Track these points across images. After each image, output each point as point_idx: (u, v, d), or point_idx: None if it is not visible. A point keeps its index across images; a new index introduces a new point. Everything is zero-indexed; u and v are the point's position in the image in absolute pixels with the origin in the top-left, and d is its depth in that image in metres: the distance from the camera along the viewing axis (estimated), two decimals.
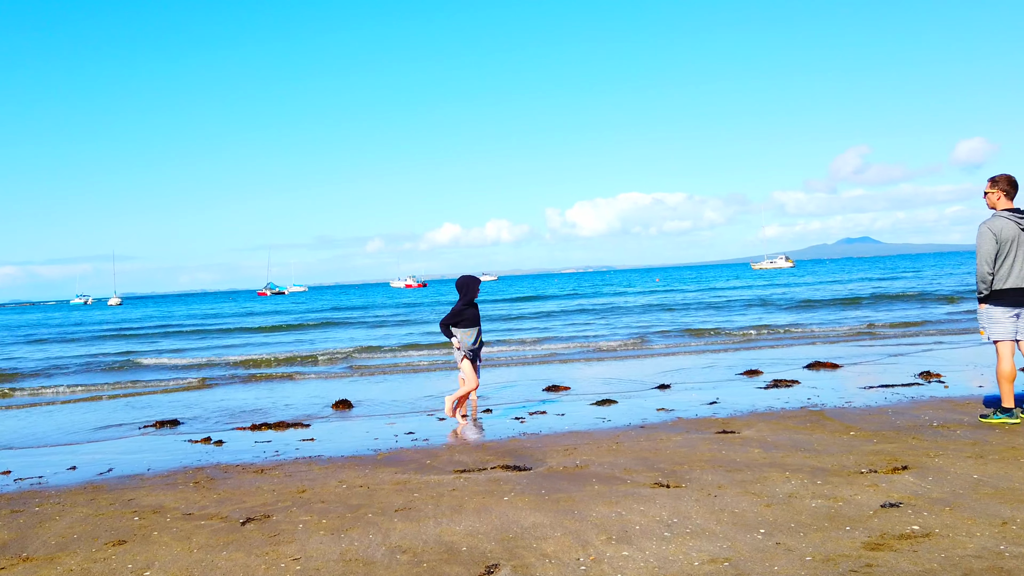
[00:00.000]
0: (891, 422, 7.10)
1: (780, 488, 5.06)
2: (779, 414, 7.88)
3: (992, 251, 6.57)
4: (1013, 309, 6.63)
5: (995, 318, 6.69)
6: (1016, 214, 6.59)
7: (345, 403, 10.27)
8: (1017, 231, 6.55)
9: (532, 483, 5.55)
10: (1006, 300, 6.62)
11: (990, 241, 6.57)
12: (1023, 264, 6.55)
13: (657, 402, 9.15)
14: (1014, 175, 6.70)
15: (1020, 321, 6.69)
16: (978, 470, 5.21)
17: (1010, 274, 6.57)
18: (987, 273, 6.61)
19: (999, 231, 6.55)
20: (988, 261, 6.59)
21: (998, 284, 6.62)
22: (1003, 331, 6.67)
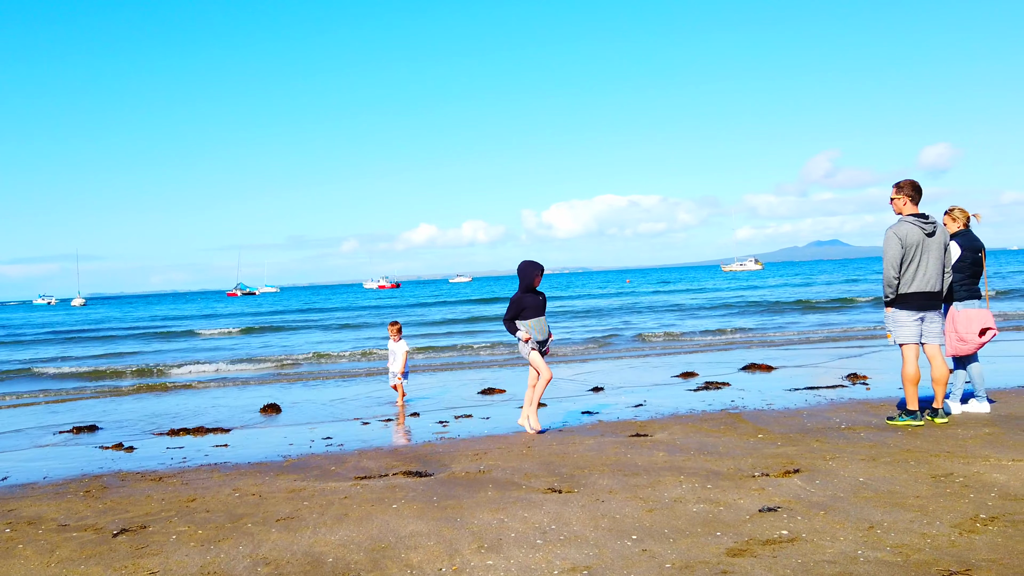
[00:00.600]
0: (802, 424, 7.12)
1: (669, 492, 5.02)
2: (699, 416, 7.87)
3: (898, 256, 6.61)
4: (918, 313, 6.68)
5: (900, 321, 6.73)
6: (921, 219, 6.65)
7: (274, 408, 10.10)
8: (922, 236, 6.60)
9: (428, 490, 5.46)
10: (911, 304, 6.67)
11: (896, 246, 6.61)
12: (927, 269, 6.61)
13: (586, 405, 9.11)
14: (918, 181, 6.75)
15: (925, 325, 6.74)
16: (866, 473, 5.22)
17: (914, 278, 6.63)
18: (893, 277, 6.66)
19: (904, 236, 6.60)
20: (894, 266, 6.64)
21: (903, 288, 6.66)
22: (908, 334, 6.72)
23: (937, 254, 6.64)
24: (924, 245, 6.61)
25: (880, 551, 3.78)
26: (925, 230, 6.60)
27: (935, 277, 6.63)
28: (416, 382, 12.68)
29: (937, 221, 6.73)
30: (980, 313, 7.04)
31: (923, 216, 6.67)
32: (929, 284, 6.61)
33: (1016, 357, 11.77)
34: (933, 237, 6.62)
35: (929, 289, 6.62)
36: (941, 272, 6.68)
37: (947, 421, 6.77)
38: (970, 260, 7.06)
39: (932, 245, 6.62)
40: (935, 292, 6.65)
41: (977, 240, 7.18)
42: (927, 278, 6.61)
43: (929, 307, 6.67)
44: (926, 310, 6.68)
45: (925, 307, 6.66)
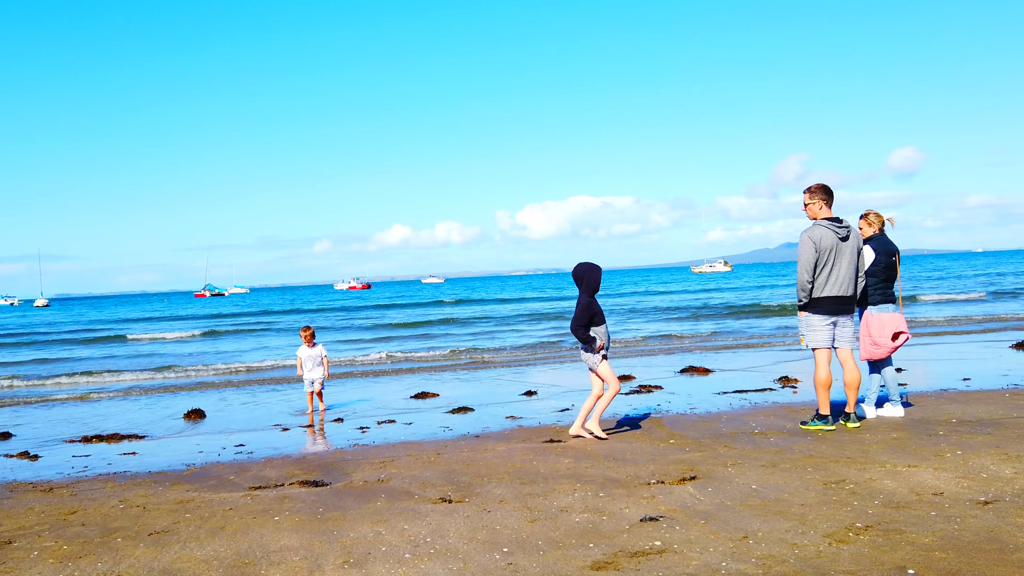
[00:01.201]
0: (717, 429, 7.07)
1: (559, 502, 4.92)
2: (619, 421, 7.80)
3: (811, 259, 6.58)
4: (831, 317, 6.66)
5: (813, 326, 6.72)
6: (835, 223, 6.63)
7: (198, 414, 9.85)
8: (836, 240, 6.58)
9: (318, 501, 5.30)
10: (824, 308, 6.65)
11: (810, 250, 6.58)
12: (840, 273, 6.59)
13: (513, 410, 8.99)
14: (828, 184, 6.74)
15: (838, 329, 6.73)
16: (761, 480, 5.17)
17: (827, 282, 6.61)
18: (806, 281, 6.63)
19: (819, 240, 6.57)
20: (808, 269, 6.61)
21: (817, 292, 6.64)
22: (821, 339, 6.69)
23: (850, 258, 6.63)
24: (838, 249, 6.59)
25: (745, 563, 3.70)
26: (839, 234, 6.59)
27: (848, 281, 6.62)
28: (353, 386, 12.49)
29: (851, 225, 6.73)
30: (893, 317, 7.05)
31: (837, 220, 6.66)
32: (842, 288, 6.60)
33: (946, 360, 11.89)
34: (847, 241, 6.61)
35: (842, 293, 6.61)
36: (855, 276, 6.68)
37: (859, 426, 6.76)
38: (884, 264, 7.07)
39: (846, 249, 6.61)
40: (848, 296, 6.64)
41: (891, 244, 7.19)
42: (840, 282, 6.59)
43: (842, 311, 6.66)
44: (839, 314, 6.67)
45: (838, 311, 6.65)
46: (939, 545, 3.80)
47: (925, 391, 8.63)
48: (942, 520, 4.15)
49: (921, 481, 4.92)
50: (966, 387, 8.79)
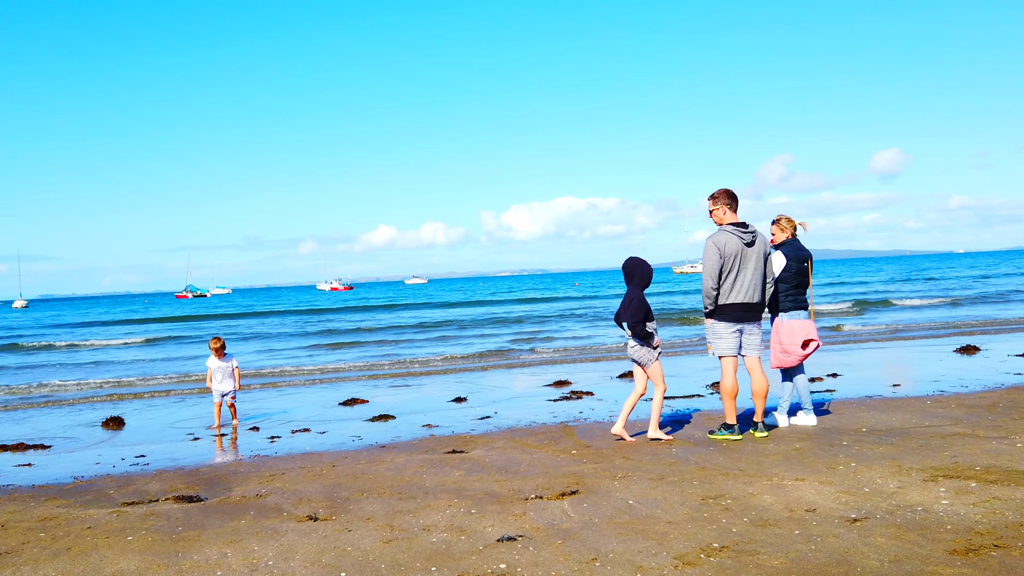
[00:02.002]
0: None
1: (427, 519, 4.73)
2: (533, 429, 7.62)
3: (716, 266, 6.43)
4: (736, 324, 6.52)
5: (719, 333, 6.56)
6: (740, 228, 6.48)
7: (117, 423, 9.57)
8: (741, 246, 6.43)
9: (184, 518, 5.07)
10: (729, 315, 6.50)
11: (714, 256, 6.42)
12: (746, 279, 6.44)
13: (435, 418, 8.79)
14: (732, 189, 6.58)
15: (745, 337, 6.59)
16: (643, 494, 5.00)
17: (733, 289, 6.46)
18: (711, 288, 6.47)
19: (723, 246, 6.42)
20: (712, 276, 6.45)
21: (722, 299, 6.49)
22: (727, 347, 6.54)
23: (756, 264, 6.47)
24: (743, 255, 6.43)
25: None
26: (744, 239, 6.44)
27: (755, 288, 6.46)
28: (288, 393, 12.26)
29: (757, 230, 6.57)
30: (803, 324, 6.91)
31: (742, 225, 6.51)
32: (748, 295, 6.45)
33: (886, 365, 11.82)
34: (753, 247, 6.45)
35: (748, 300, 6.45)
36: (761, 283, 6.53)
37: (766, 435, 6.61)
38: (795, 270, 6.93)
39: (752, 255, 6.45)
40: (755, 303, 6.49)
41: (804, 250, 7.05)
42: (746, 289, 6.44)
43: (748, 319, 6.51)
44: (745, 322, 6.52)
45: (744, 319, 6.50)
46: (787, 568, 3.64)
47: (850, 398, 8.51)
48: (802, 540, 4.00)
49: (801, 496, 4.77)
50: (892, 394, 8.69)
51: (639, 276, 6.69)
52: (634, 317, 6.57)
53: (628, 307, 6.62)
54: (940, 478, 5.01)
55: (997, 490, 4.67)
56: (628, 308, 6.62)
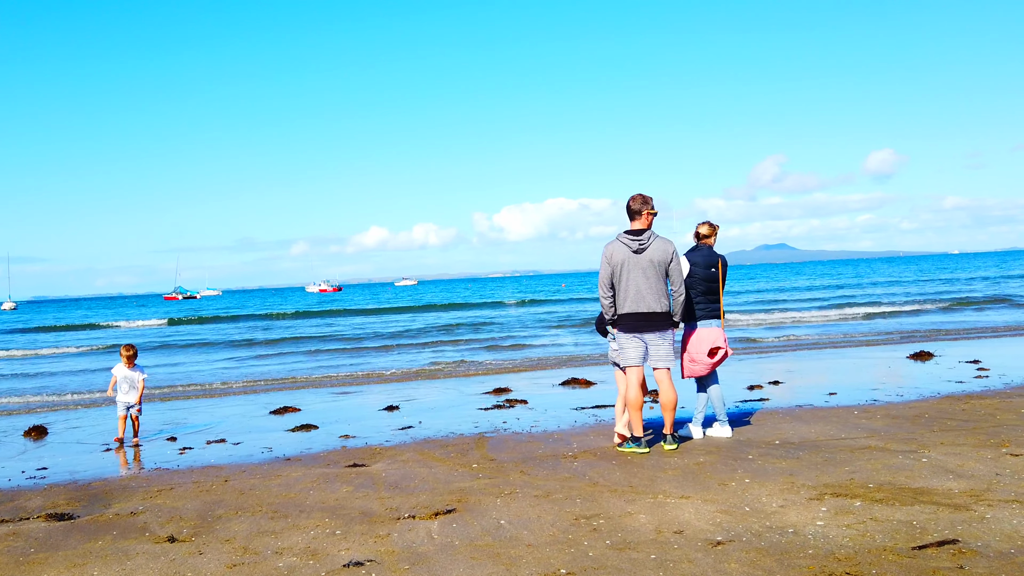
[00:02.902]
0: (533, 451, 6.71)
1: (286, 541, 4.53)
2: (445, 441, 7.42)
3: (605, 275, 6.31)
4: (635, 334, 6.34)
5: (621, 343, 6.39)
6: (631, 236, 6.28)
7: (39, 431, 9.34)
8: (628, 254, 6.25)
9: (45, 538, 4.86)
10: (626, 325, 6.33)
11: (603, 265, 6.32)
12: (638, 288, 6.24)
13: (358, 427, 8.58)
14: (635, 196, 6.36)
15: (651, 348, 6.38)
16: (520, 513, 4.81)
17: (627, 298, 6.29)
18: (602, 297, 6.36)
19: (610, 255, 6.29)
20: (603, 285, 6.34)
21: (619, 309, 6.34)
22: (629, 357, 6.36)
23: (647, 272, 6.25)
24: (631, 263, 6.23)
25: None
26: (631, 247, 6.24)
27: (650, 296, 6.26)
28: (226, 402, 12.04)
29: (656, 237, 6.33)
30: (711, 332, 6.73)
31: (637, 233, 6.31)
32: (643, 304, 6.25)
33: (829, 372, 11.66)
34: (643, 254, 6.25)
35: (644, 309, 6.26)
36: (659, 291, 6.30)
37: (676, 448, 6.42)
38: (702, 276, 6.74)
39: (642, 263, 6.24)
40: (651, 313, 6.28)
41: (714, 255, 6.85)
42: (640, 298, 6.24)
43: (647, 328, 6.31)
44: (643, 331, 6.32)
45: (642, 328, 6.31)
46: None
47: (780, 408, 8.34)
48: (653, 565, 3.82)
49: (677, 516, 4.59)
50: (824, 403, 8.52)
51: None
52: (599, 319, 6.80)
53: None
54: (827, 496, 4.84)
55: (879, 510, 4.50)
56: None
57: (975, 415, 7.31)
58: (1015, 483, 4.91)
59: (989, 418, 7.14)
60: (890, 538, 4.03)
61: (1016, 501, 4.53)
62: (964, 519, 4.26)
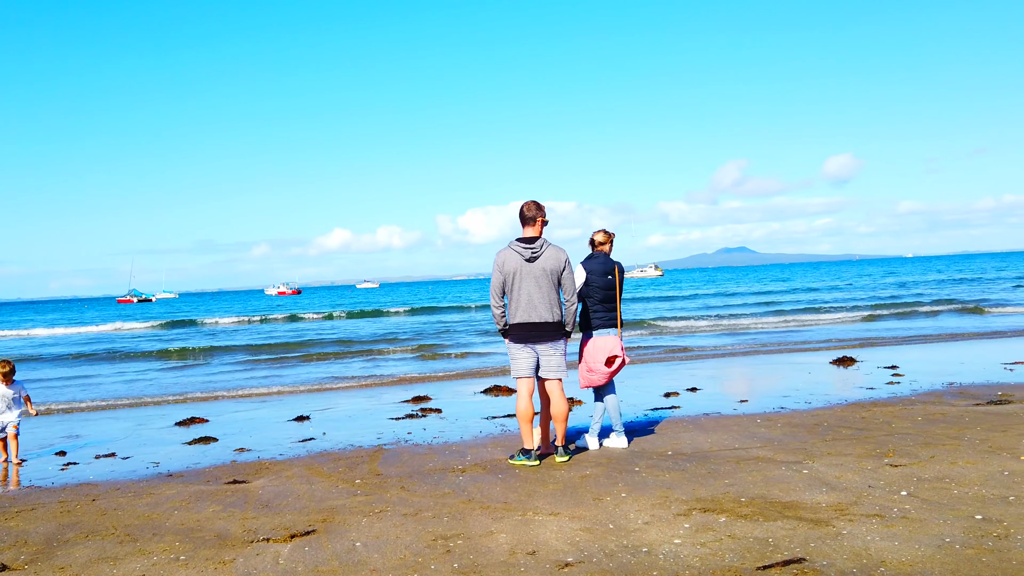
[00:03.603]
0: (423, 464, 6.52)
1: (124, 569, 4.27)
2: (340, 454, 7.19)
3: (497, 284, 6.19)
4: (525, 344, 6.22)
5: (512, 353, 6.27)
6: (525, 244, 6.17)
7: None
8: (520, 263, 6.12)
9: None
10: (516, 335, 6.21)
11: (495, 274, 6.19)
12: (530, 297, 6.14)
13: (257, 440, 8.28)
14: (528, 203, 6.23)
15: (542, 358, 6.25)
16: (380, 534, 4.62)
17: (518, 308, 6.17)
18: (494, 307, 6.24)
19: (502, 264, 6.16)
20: (495, 294, 6.22)
21: (511, 318, 6.23)
22: (520, 367, 6.23)
23: (539, 281, 6.14)
24: (523, 272, 6.12)
25: None
26: (523, 255, 6.12)
27: (541, 306, 6.15)
28: (132, 414, 11.64)
29: (548, 245, 6.22)
30: (608, 341, 6.63)
31: (529, 240, 6.20)
32: (534, 314, 6.14)
33: (748, 380, 11.70)
34: (535, 263, 6.14)
35: (534, 320, 6.15)
36: (550, 300, 6.19)
37: (567, 459, 6.30)
38: (600, 284, 6.64)
39: (535, 271, 6.13)
40: (542, 323, 6.18)
41: (611, 262, 6.75)
42: (531, 307, 6.13)
43: (537, 339, 6.20)
44: (533, 342, 6.21)
45: (532, 339, 6.19)
46: None
47: (688, 416, 8.29)
48: None
49: (537, 535, 4.45)
50: (732, 411, 8.50)
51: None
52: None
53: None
54: (696, 512, 4.74)
55: (740, 526, 4.41)
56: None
57: (872, 423, 7.33)
58: (884, 496, 4.88)
59: (885, 426, 7.16)
60: (740, 557, 3.94)
61: (877, 515, 4.48)
62: (820, 535, 4.19)
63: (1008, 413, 7.46)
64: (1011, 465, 5.46)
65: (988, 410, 7.70)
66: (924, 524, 4.29)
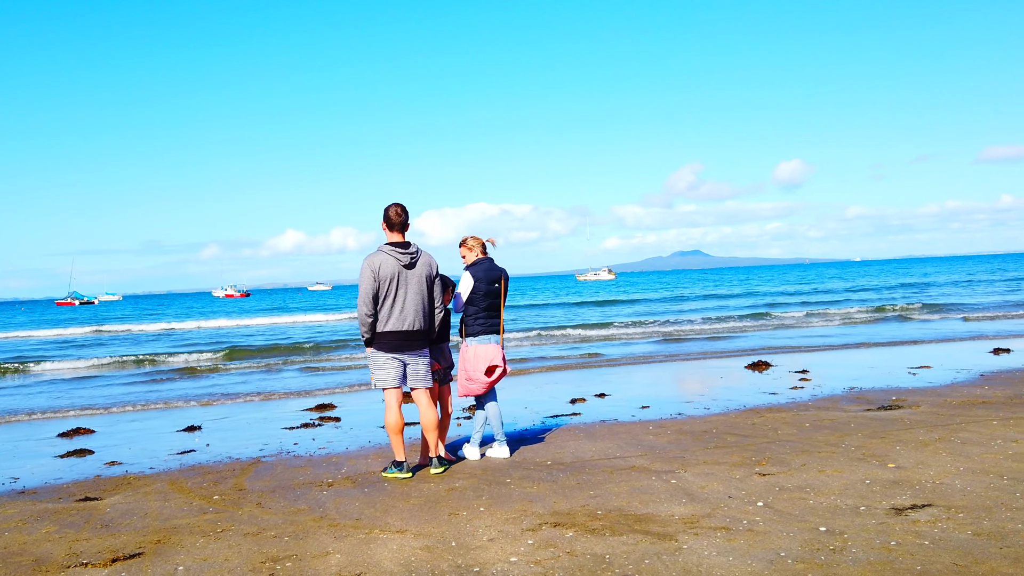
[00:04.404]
0: (296, 477, 6.25)
1: None
2: (214, 467, 6.86)
3: (371, 290, 5.88)
4: (396, 354, 6.00)
5: (380, 364, 6.00)
6: (399, 248, 5.96)
7: None
8: (398, 268, 5.91)
9: None
10: (387, 344, 5.97)
11: (368, 279, 5.88)
12: (404, 304, 5.93)
13: (133, 453, 7.88)
14: (399, 206, 6.04)
15: (410, 367, 6.04)
16: (209, 556, 4.35)
17: (391, 315, 5.93)
18: (366, 315, 5.94)
19: (377, 268, 5.88)
20: (367, 302, 5.91)
21: (380, 326, 5.95)
22: (388, 378, 5.99)
23: (418, 288, 5.98)
24: (401, 278, 5.92)
25: None
26: (402, 261, 5.92)
27: (416, 314, 5.97)
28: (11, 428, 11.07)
29: (421, 251, 6.05)
30: (488, 349, 6.46)
31: (403, 245, 5.99)
32: (408, 322, 5.94)
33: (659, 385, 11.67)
34: (413, 269, 5.96)
35: (407, 328, 5.95)
36: (424, 308, 6.03)
37: (442, 471, 6.10)
38: (484, 292, 6.47)
39: (412, 278, 5.96)
40: (415, 331, 5.99)
41: (496, 269, 6.59)
42: (405, 315, 5.93)
43: (409, 348, 6.00)
44: (405, 351, 6.00)
45: (404, 348, 5.98)
46: None
47: (584, 423, 8.18)
48: None
49: (373, 555, 4.24)
50: (630, 417, 8.42)
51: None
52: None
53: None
54: (546, 527, 4.59)
55: (584, 542, 4.27)
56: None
57: (760, 430, 7.31)
58: (739, 507, 4.79)
59: (771, 432, 7.14)
60: None
61: (724, 528, 4.39)
62: (658, 551, 4.07)
63: (894, 419, 7.52)
64: (876, 473, 5.44)
65: (876, 415, 7.75)
66: (766, 537, 4.21)
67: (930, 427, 7.00)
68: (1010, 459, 5.66)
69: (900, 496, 4.87)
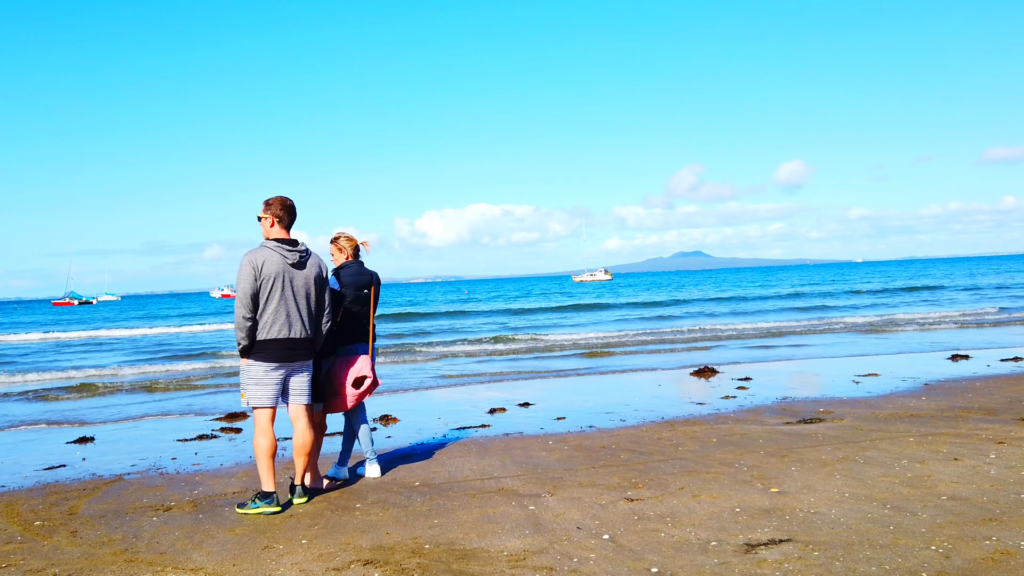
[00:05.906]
0: (141, 498, 5.74)
1: None
2: (68, 487, 6.33)
3: (251, 291, 5.18)
4: (279, 365, 5.32)
5: (257, 377, 5.30)
6: (287, 246, 5.33)
7: None
8: (285, 266, 5.26)
9: None
10: (270, 354, 5.26)
11: (248, 278, 5.18)
12: (291, 309, 5.29)
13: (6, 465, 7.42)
14: (291, 200, 5.48)
15: (291, 381, 5.44)
16: None
17: (274, 321, 5.24)
18: (245, 319, 5.21)
19: (260, 265, 5.21)
20: (246, 304, 5.19)
21: (261, 333, 5.26)
22: (264, 394, 5.31)
23: (307, 291, 5.37)
24: (287, 278, 5.28)
25: None
26: (289, 259, 5.30)
27: (304, 319, 5.35)
28: None
29: (310, 250, 5.48)
30: (358, 361, 5.95)
31: (291, 242, 5.38)
32: (296, 329, 5.31)
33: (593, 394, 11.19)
34: (302, 269, 5.36)
35: (296, 335, 5.31)
36: (313, 313, 5.43)
37: (306, 500, 5.52)
38: (353, 298, 5.96)
39: (299, 280, 5.33)
40: (303, 339, 5.37)
41: (367, 273, 6.08)
42: (292, 321, 5.29)
43: (294, 357, 5.36)
44: (290, 361, 5.35)
45: (289, 358, 5.33)
46: None
47: (487, 436, 7.70)
48: None
49: None
50: (539, 430, 7.92)
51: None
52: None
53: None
54: (356, 564, 4.10)
55: None
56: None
57: (662, 445, 6.82)
58: (580, 541, 4.30)
59: (670, 449, 6.65)
60: None
61: (548, 569, 3.90)
62: None
63: (808, 434, 7.02)
64: (752, 499, 4.95)
65: (792, 430, 7.26)
66: None
67: (841, 444, 6.50)
68: (905, 484, 5.17)
69: (763, 528, 4.37)
